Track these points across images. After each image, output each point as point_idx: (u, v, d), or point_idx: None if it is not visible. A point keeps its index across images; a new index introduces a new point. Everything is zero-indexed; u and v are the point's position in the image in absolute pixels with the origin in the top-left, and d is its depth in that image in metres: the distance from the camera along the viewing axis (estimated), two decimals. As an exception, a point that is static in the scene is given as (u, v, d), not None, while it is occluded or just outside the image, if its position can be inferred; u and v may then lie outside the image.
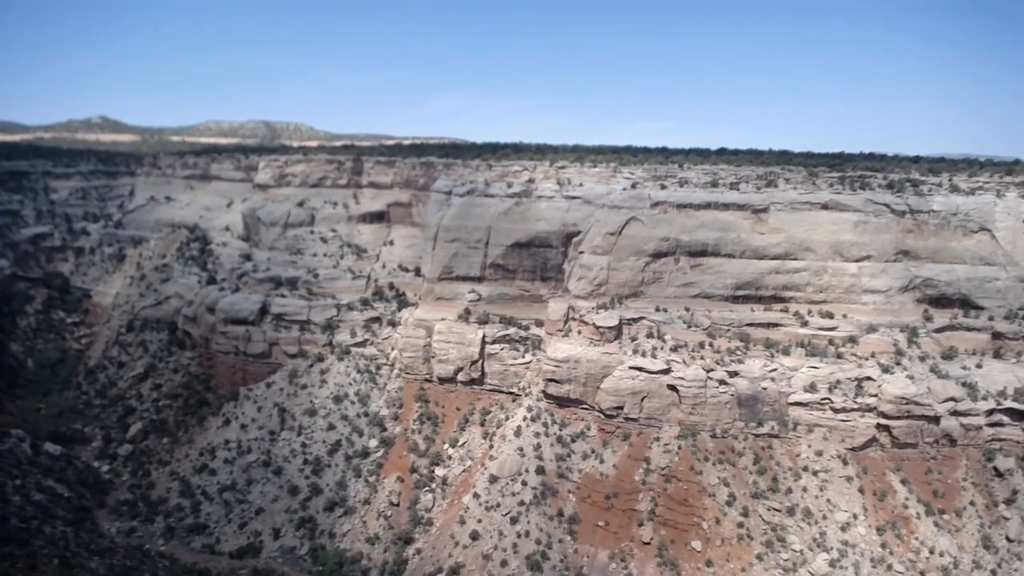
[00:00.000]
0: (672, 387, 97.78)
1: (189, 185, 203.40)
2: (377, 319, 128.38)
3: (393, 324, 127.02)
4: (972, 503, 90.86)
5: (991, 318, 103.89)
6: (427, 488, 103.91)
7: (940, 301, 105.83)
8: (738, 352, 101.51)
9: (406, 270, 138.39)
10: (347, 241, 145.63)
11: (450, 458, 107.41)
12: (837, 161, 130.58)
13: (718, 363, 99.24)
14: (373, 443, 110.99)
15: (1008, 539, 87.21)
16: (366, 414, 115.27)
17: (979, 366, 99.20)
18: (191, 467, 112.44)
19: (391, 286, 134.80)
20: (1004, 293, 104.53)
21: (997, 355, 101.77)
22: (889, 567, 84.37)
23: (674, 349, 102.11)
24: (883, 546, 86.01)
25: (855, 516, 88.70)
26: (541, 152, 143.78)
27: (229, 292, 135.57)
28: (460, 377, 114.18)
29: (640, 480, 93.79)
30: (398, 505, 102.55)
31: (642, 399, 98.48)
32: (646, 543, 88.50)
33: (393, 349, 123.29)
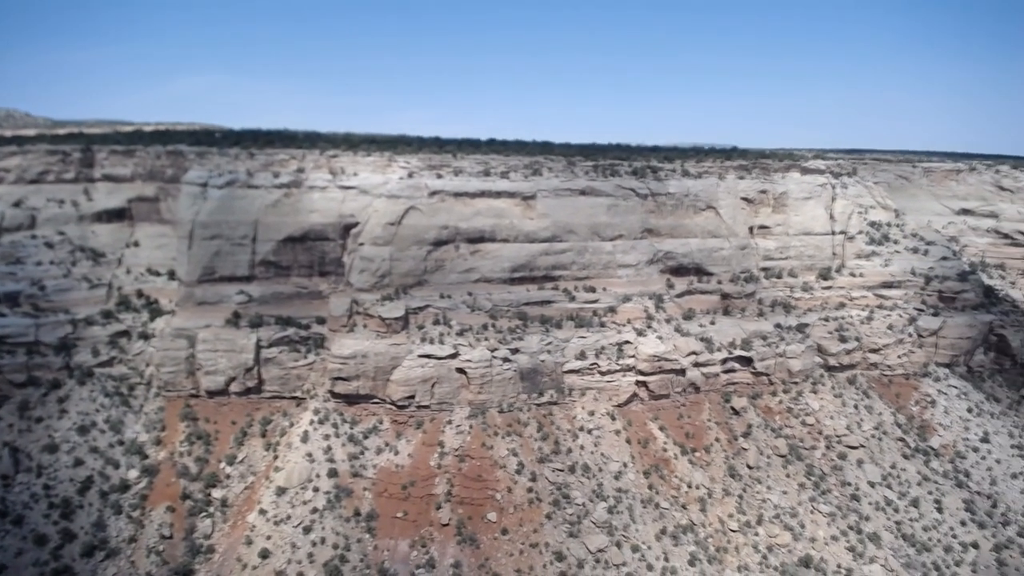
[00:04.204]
0: (460, 370, 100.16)
1: None
2: (125, 333, 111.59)
3: (146, 337, 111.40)
4: (717, 440, 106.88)
5: (719, 282, 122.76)
6: (204, 513, 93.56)
7: (679, 270, 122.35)
8: (518, 330, 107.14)
9: (157, 274, 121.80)
10: (79, 245, 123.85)
11: (228, 477, 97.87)
12: (591, 151, 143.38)
13: (501, 342, 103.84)
14: (133, 474, 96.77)
15: (748, 467, 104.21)
16: (121, 443, 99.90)
17: (713, 323, 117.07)
18: None
19: (140, 294, 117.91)
20: (728, 260, 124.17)
21: (726, 312, 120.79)
22: (656, 505, 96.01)
23: (460, 333, 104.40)
24: (650, 487, 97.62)
25: (625, 465, 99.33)
26: (311, 140, 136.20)
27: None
28: (233, 388, 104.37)
29: (436, 464, 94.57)
30: (171, 537, 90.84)
31: (433, 385, 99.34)
32: (445, 525, 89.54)
33: (148, 365, 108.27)
